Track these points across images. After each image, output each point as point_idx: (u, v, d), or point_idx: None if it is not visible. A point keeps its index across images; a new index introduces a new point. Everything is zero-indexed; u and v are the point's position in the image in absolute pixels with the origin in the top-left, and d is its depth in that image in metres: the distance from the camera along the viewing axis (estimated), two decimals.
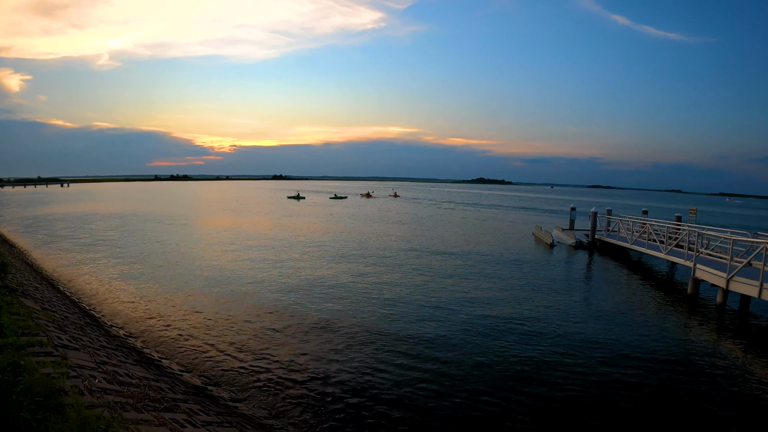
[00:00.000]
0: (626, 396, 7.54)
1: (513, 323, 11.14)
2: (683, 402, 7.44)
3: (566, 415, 6.90)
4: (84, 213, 40.89)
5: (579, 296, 14.29)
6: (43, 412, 3.29)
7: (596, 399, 7.41)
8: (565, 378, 8.11)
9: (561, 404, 7.20)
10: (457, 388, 7.62)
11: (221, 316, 11.30)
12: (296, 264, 18.01)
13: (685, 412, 7.12)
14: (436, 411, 6.87)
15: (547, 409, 7.03)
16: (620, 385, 7.91)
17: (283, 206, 53.85)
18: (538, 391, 7.60)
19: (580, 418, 6.83)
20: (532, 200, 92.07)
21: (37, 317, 6.73)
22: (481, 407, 7.01)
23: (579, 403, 7.26)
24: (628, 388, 7.81)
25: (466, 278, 16.13)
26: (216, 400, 6.76)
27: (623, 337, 10.37)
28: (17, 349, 4.65)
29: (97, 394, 4.36)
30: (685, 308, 13.47)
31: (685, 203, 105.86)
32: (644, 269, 19.61)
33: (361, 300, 12.89)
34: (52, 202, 56.54)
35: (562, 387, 7.75)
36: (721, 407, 7.29)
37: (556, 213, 54.06)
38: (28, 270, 14.00)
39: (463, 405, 7.07)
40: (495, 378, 8.03)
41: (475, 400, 7.23)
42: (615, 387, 7.85)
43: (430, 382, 7.82)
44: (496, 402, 7.18)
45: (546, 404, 7.18)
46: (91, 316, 10.61)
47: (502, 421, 6.65)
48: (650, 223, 20.12)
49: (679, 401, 7.46)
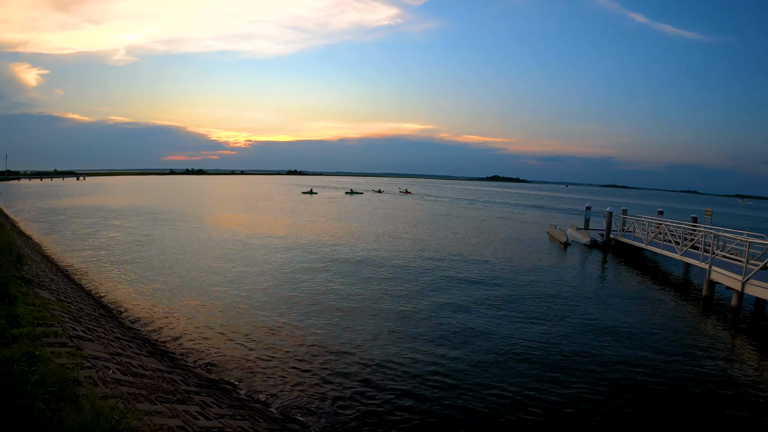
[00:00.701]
0: (639, 397, 7.42)
1: (525, 323, 11.03)
2: (697, 405, 7.31)
3: (577, 415, 6.81)
4: (99, 206, 41.43)
5: (593, 296, 14.11)
6: (57, 402, 3.31)
7: (608, 399, 7.30)
8: (579, 377, 8.01)
9: (572, 403, 7.10)
10: (468, 382, 7.58)
11: (236, 310, 11.34)
12: (313, 260, 18.04)
13: (700, 415, 7.00)
14: (447, 408, 6.84)
15: (558, 409, 6.95)
16: (633, 386, 7.80)
17: (297, 201, 54.07)
18: (548, 390, 7.51)
19: (592, 418, 6.74)
20: (547, 199, 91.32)
21: (52, 308, 6.80)
22: (489, 404, 6.96)
23: (591, 403, 7.15)
24: (642, 390, 7.69)
25: (480, 276, 16.03)
26: (229, 393, 6.79)
27: (637, 339, 10.21)
28: (32, 339, 4.70)
29: (111, 385, 4.39)
30: (700, 310, 13.25)
31: (700, 204, 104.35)
32: (659, 270, 19.33)
33: (378, 297, 12.86)
34: (68, 195, 57.39)
35: (574, 386, 7.66)
36: (736, 410, 7.15)
37: (570, 212, 53.55)
38: (44, 261, 14.20)
39: (474, 400, 7.02)
40: (507, 374, 7.97)
41: (485, 396, 7.18)
42: (628, 388, 7.74)
43: (446, 376, 7.78)
44: (502, 400, 7.12)
45: (558, 403, 7.09)
46: (106, 308, 10.72)
47: (502, 420, 6.59)
48: (666, 223, 19.81)
49: (693, 404, 7.33)
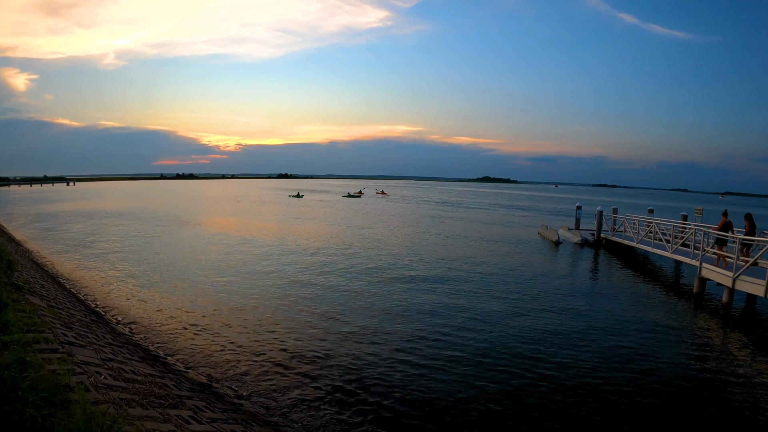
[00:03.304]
0: (630, 395, 7.47)
1: (515, 321, 11.09)
2: (690, 402, 7.37)
3: (563, 415, 6.86)
4: (89, 211, 41.07)
5: (584, 293, 14.20)
6: (48, 408, 3.29)
7: (597, 399, 7.34)
8: (569, 377, 8.05)
9: (559, 403, 7.15)
10: (472, 382, 7.62)
11: (227, 314, 11.31)
12: (303, 264, 18.01)
13: (692, 412, 7.04)
14: (448, 409, 6.86)
15: (546, 409, 7.00)
16: (623, 385, 7.83)
17: (286, 205, 53.94)
18: (537, 390, 7.56)
19: (580, 417, 6.79)
20: (535, 200, 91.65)
21: (42, 314, 6.75)
22: (488, 404, 7.00)
23: (580, 402, 7.20)
24: (633, 387, 7.74)
25: (473, 277, 16.09)
26: (221, 397, 6.77)
27: (628, 337, 10.30)
28: (23, 345, 4.66)
29: (103, 390, 4.37)
30: (692, 307, 13.38)
31: (687, 202, 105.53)
32: (650, 268, 19.50)
33: (371, 300, 12.85)
34: (58, 201, 56.84)
35: (565, 385, 7.71)
36: (729, 407, 7.22)
37: (560, 214, 53.81)
38: (34, 268, 14.07)
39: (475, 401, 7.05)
40: (499, 373, 8.01)
41: (486, 397, 7.21)
42: (618, 387, 7.77)
43: (449, 384, 7.80)
44: (487, 405, 7.16)
45: (546, 404, 7.15)
46: (97, 314, 10.65)
47: (494, 421, 6.63)
48: (656, 222, 20.00)
49: (685, 401, 7.39)
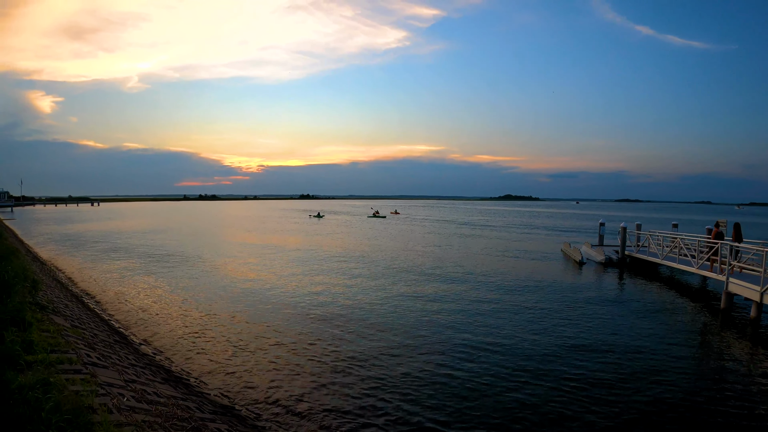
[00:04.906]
0: (661, 412, 7.26)
1: (546, 344, 10.81)
2: (717, 420, 7.11)
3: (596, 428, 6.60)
4: (112, 231, 41.93)
5: (612, 315, 13.73)
6: (72, 429, 3.27)
7: (630, 415, 7.10)
8: (602, 394, 7.84)
9: (594, 417, 6.90)
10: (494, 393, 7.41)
11: (251, 337, 11.14)
12: (332, 288, 17.90)
13: (722, 430, 6.83)
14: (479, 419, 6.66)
15: (584, 420, 6.75)
16: (655, 401, 7.62)
17: (306, 226, 54.20)
18: (573, 406, 7.32)
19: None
20: (556, 217, 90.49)
21: (66, 334, 6.81)
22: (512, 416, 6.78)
23: (615, 420, 6.95)
24: (663, 405, 7.52)
25: (496, 300, 15.79)
26: (244, 420, 6.68)
27: (657, 354, 9.96)
28: (47, 366, 4.68)
29: (126, 412, 4.34)
30: (719, 323, 12.97)
31: (714, 215, 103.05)
32: (676, 285, 18.89)
33: (399, 327, 12.04)
34: (83, 220, 58.26)
35: (596, 402, 7.46)
36: (757, 423, 6.96)
37: (581, 231, 52.95)
38: (59, 287, 14.31)
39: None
40: (529, 387, 7.78)
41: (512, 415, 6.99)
42: (649, 403, 7.58)
43: (462, 399, 7.61)
44: (524, 414, 6.93)
45: (584, 417, 6.90)
46: (120, 334, 10.72)
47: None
48: (681, 237, 19.50)
49: (713, 418, 7.15)
